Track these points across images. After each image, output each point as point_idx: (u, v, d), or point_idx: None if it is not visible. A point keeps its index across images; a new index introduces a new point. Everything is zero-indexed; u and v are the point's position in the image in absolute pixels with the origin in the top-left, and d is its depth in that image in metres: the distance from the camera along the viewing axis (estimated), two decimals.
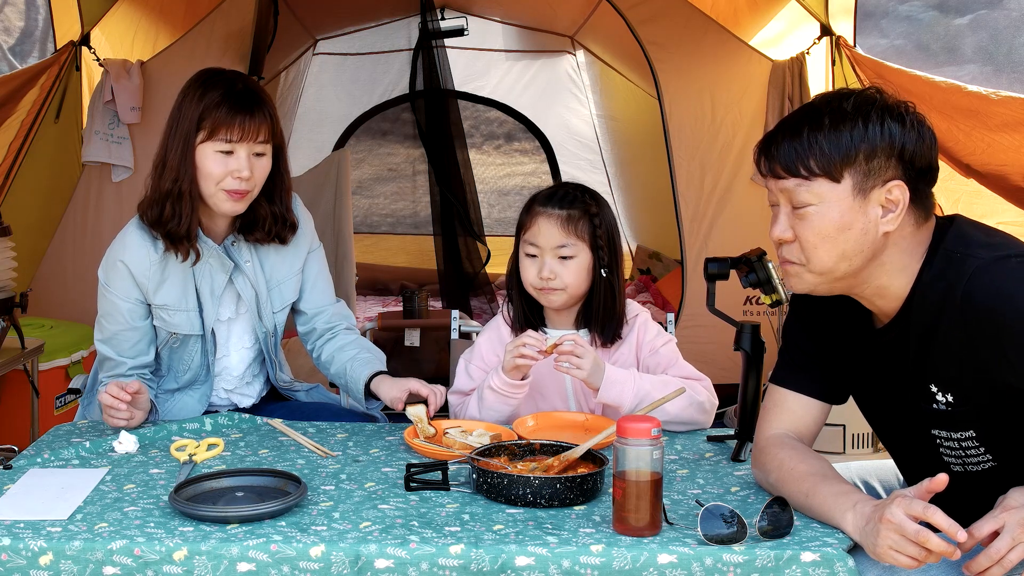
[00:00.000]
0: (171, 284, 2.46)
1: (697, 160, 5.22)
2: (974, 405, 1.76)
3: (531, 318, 2.50)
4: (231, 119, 2.37)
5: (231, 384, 2.63)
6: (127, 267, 2.43)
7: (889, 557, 1.60)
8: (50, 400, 4.14)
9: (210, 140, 2.38)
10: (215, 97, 2.39)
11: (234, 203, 2.43)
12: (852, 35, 4.20)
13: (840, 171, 1.74)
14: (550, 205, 2.43)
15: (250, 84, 2.48)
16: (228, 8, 4.94)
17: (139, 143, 4.89)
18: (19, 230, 3.96)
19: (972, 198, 3.70)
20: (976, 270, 1.69)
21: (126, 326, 2.46)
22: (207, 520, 1.75)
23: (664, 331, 2.54)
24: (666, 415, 2.27)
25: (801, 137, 1.76)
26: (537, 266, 2.42)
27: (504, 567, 1.64)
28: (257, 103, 2.42)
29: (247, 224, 2.54)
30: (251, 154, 2.41)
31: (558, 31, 7.15)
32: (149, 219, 2.43)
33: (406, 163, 7.43)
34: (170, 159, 2.42)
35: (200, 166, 2.40)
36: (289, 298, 2.65)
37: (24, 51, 4.87)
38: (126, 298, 2.45)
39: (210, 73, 2.48)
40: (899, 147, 1.73)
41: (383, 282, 7.02)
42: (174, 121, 2.44)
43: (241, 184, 2.40)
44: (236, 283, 2.54)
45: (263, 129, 2.41)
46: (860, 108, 1.75)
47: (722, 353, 3.06)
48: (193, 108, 2.40)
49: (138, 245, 2.44)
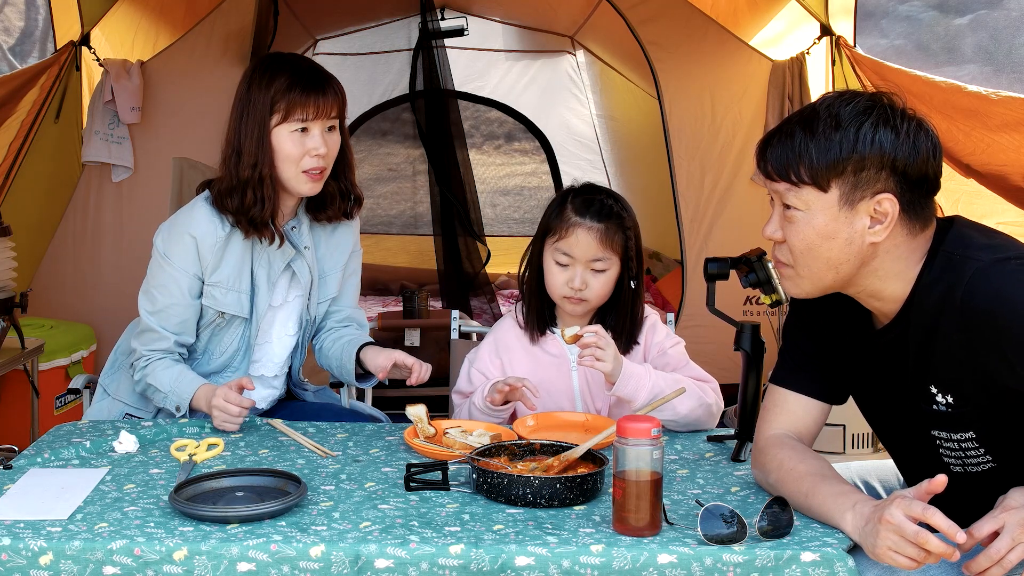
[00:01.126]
0: (228, 263, 2.47)
1: (697, 160, 5.22)
2: (974, 406, 1.76)
3: (545, 319, 2.50)
4: (305, 99, 2.40)
5: (271, 371, 2.63)
6: (195, 240, 2.44)
7: (888, 558, 1.60)
8: (50, 400, 4.14)
9: (285, 122, 2.41)
10: (284, 80, 2.41)
11: (313, 183, 2.47)
12: (852, 35, 4.20)
13: (827, 181, 1.74)
14: (588, 216, 2.40)
15: (314, 65, 2.52)
16: (228, 8, 4.93)
17: (139, 143, 4.90)
18: (19, 230, 3.96)
19: (972, 198, 3.70)
20: (976, 272, 1.69)
21: (180, 300, 2.47)
22: (207, 520, 1.75)
23: (673, 334, 2.54)
24: (676, 415, 2.28)
25: (794, 142, 1.75)
26: (568, 275, 2.40)
27: (504, 567, 1.64)
28: (326, 79, 2.46)
29: (318, 203, 2.56)
30: (324, 130, 2.44)
31: (558, 31, 7.15)
32: (230, 208, 2.44)
33: (406, 163, 7.42)
34: (246, 146, 2.43)
35: (278, 149, 2.43)
36: (331, 292, 2.67)
37: (24, 51, 4.87)
38: (186, 272, 2.45)
39: (272, 58, 2.52)
40: (890, 159, 1.72)
41: (383, 282, 7.01)
42: (243, 108, 2.45)
43: (319, 161, 2.43)
44: (295, 266, 2.56)
45: (335, 105, 2.45)
46: (856, 117, 1.73)
47: (722, 353, 3.06)
48: (264, 93, 2.42)
49: (208, 219, 2.45)
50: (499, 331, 2.56)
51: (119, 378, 2.61)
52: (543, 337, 2.50)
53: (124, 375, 2.59)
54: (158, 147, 4.83)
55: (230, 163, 2.45)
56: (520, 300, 2.55)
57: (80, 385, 2.87)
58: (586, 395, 2.49)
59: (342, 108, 2.49)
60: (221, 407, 2.29)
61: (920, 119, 1.76)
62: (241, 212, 2.43)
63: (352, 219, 2.68)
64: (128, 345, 2.61)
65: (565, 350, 2.47)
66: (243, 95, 2.46)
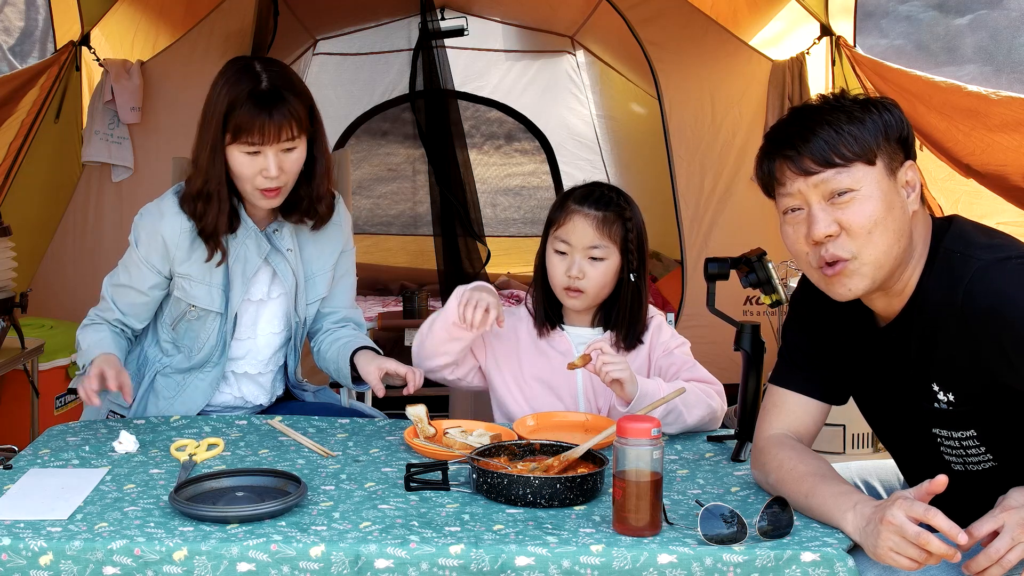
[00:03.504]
0: (200, 255, 2.47)
1: (697, 160, 5.22)
2: (975, 404, 1.76)
3: (551, 315, 2.50)
4: (252, 122, 2.32)
5: (255, 368, 2.61)
6: (162, 237, 2.44)
7: (889, 558, 1.60)
8: (50, 400, 4.14)
9: (236, 143, 2.36)
10: (240, 96, 2.33)
11: (269, 199, 2.43)
12: (852, 35, 4.20)
13: (874, 153, 1.76)
14: (586, 204, 2.42)
15: (276, 78, 2.38)
16: (228, 8, 4.93)
17: (139, 143, 4.90)
18: (19, 230, 3.96)
19: (972, 198, 3.70)
20: (978, 271, 1.69)
21: (137, 286, 2.49)
22: (207, 520, 1.75)
23: (679, 336, 2.54)
24: (685, 426, 2.28)
25: (828, 128, 1.76)
26: (566, 263, 2.42)
27: (504, 567, 1.64)
28: (280, 101, 2.34)
29: (285, 206, 2.52)
30: (279, 151, 2.37)
31: (558, 31, 7.15)
32: (187, 211, 2.44)
33: (406, 163, 7.42)
34: (200, 160, 2.40)
35: (232, 165, 2.39)
36: (321, 292, 2.65)
37: (24, 51, 4.87)
38: (150, 266, 2.47)
39: (238, 66, 2.42)
40: (899, 132, 1.78)
41: (383, 282, 7.01)
42: (205, 116, 2.40)
43: (271, 182, 2.39)
44: (277, 267, 2.54)
45: (287, 128, 2.35)
46: (858, 101, 1.80)
47: (722, 353, 3.06)
48: (219, 106, 2.36)
49: (174, 212, 2.44)
50: (515, 316, 2.56)
51: None
52: (551, 334, 2.51)
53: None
54: (158, 147, 4.83)
55: (191, 170, 2.45)
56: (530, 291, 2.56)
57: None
58: (589, 394, 2.49)
59: (304, 124, 2.38)
60: (92, 374, 2.28)
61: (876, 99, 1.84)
62: (194, 219, 2.43)
63: (321, 226, 2.60)
64: None
65: (571, 347, 2.47)
66: (207, 100, 2.40)
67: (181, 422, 2.39)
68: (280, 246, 2.54)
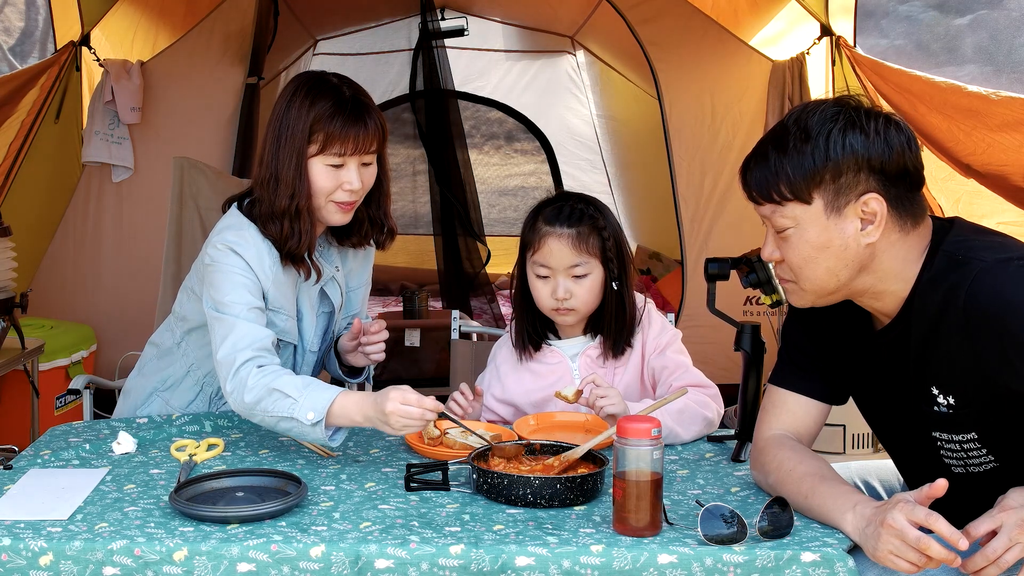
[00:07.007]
0: (281, 287, 2.33)
1: (697, 160, 5.22)
2: (975, 407, 1.76)
3: (539, 335, 2.47)
4: (345, 133, 2.23)
5: None
6: (247, 263, 2.26)
7: (889, 561, 1.60)
8: (50, 400, 4.14)
9: (321, 154, 2.25)
10: (326, 108, 2.24)
11: (343, 214, 2.33)
12: (852, 35, 4.20)
13: (808, 193, 1.75)
14: (558, 224, 2.36)
15: (357, 91, 2.32)
16: (228, 8, 4.94)
17: (139, 143, 4.90)
18: (19, 230, 3.96)
19: (972, 198, 3.70)
20: (979, 272, 1.69)
21: (257, 303, 2.27)
22: (207, 520, 1.75)
23: (668, 325, 2.51)
24: (679, 441, 2.26)
25: (769, 163, 1.77)
26: (550, 287, 2.37)
27: (504, 567, 1.64)
28: (368, 112, 2.27)
29: (344, 228, 2.43)
30: (360, 164, 2.30)
31: (558, 31, 7.15)
32: (270, 235, 2.28)
33: (406, 163, 7.42)
34: (283, 174, 2.26)
35: (312, 180, 2.27)
36: (355, 308, 2.59)
37: (24, 51, 4.87)
38: (246, 274, 2.27)
39: (315, 79, 2.31)
40: (865, 159, 1.72)
41: (383, 282, 7.02)
42: (281, 131, 2.27)
43: (351, 196, 2.30)
44: (327, 287, 2.46)
45: (375, 139, 2.28)
46: (823, 124, 1.74)
47: (722, 353, 3.06)
48: (302, 119, 2.24)
49: (258, 241, 2.29)
50: (498, 356, 2.54)
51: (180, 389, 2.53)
52: (540, 350, 2.48)
53: (187, 386, 2.52)
54: (158, 147, 4.84)
55: (268, 188, 2.28)
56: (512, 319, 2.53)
57: (80, 385, 2.86)
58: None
59: (382, 141, 2.31)
60: (403, 412, 2.00)
61: (888, 115, 1.77)
62: (279, 243, 2.29)
63: (383, 249, 2.54)
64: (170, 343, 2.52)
65: (564, 357, 2.46)
66: (281, 114, 2.28)
67: (183, 419, 2.38)
68: (328, 267, 2.46)
